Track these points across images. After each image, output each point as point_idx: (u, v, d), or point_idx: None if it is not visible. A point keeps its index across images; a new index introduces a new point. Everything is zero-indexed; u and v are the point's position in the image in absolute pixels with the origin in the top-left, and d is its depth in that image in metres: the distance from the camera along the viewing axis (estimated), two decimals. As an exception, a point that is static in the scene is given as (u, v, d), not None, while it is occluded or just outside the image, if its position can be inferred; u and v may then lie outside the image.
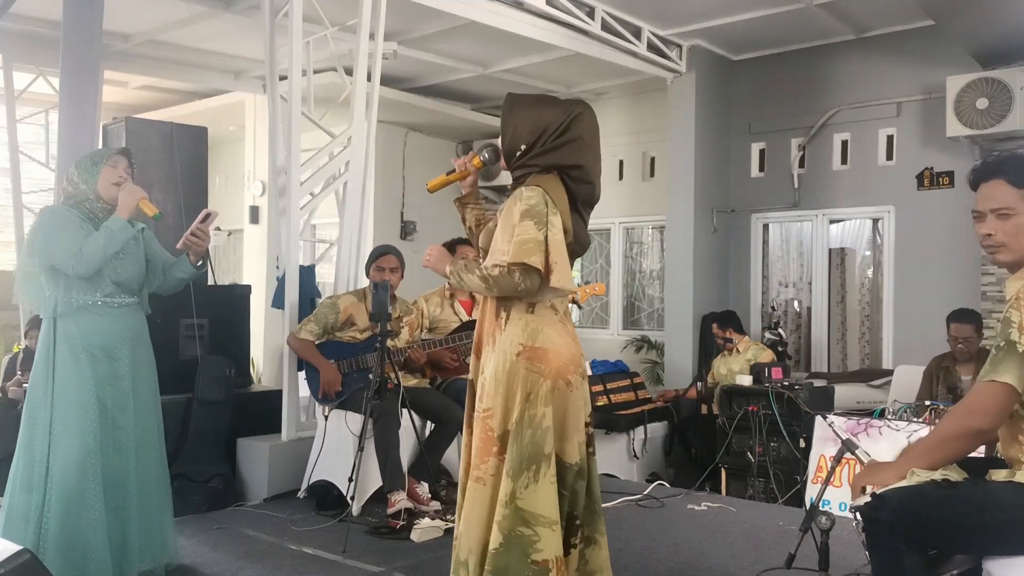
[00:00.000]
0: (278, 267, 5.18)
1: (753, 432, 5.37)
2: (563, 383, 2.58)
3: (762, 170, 7.97)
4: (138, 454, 3.35)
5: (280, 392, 5.07)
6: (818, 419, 4.91)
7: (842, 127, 7.49)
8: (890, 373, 6.48)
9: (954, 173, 6.82)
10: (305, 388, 4.91)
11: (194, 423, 4.81)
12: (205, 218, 3.49)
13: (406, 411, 4.43)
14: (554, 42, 6.66)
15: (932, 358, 5.53)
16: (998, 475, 2.22)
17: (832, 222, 7.75)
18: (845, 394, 6.28)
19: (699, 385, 6.63)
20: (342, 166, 5.36)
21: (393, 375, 4.39)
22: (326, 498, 4.60)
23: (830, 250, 7.76)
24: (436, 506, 4.40)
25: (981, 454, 2.49)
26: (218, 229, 3.60)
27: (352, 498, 4.25)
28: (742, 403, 5.48)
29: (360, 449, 4.12)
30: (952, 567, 2.22)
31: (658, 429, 6.50)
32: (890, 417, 4.62)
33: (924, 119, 7.01)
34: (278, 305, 5.08)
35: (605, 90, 8.76)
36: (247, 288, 5.66)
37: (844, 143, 7.51)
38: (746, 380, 5.69)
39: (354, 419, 4.40)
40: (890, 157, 7.26)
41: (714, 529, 4.30)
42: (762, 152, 7.96)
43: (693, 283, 7.67)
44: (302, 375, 4.89)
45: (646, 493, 4.92)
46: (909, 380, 5.72)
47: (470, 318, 4.91)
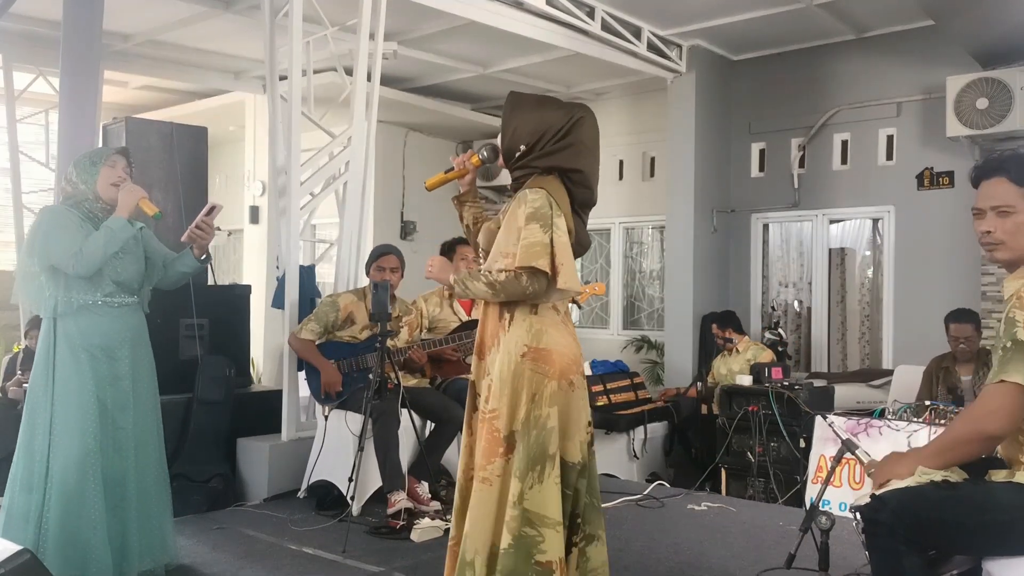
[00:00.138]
0: (278, 267, 5.18)
1: (753, 432, 5.38)
2: (566, 383, 2.60)
3: (762, 170, 7.97)
4: (138, 454, 3.35)
5: (280, 392, 5.08)
6: (818, 419, 4.91)
7: (842, 127, 7.49)
8: (890, 373, 6.48)
9: (954, 173, 6.82)
10: (305, 388, 4.91)
11: (194, 423, 4.82)
12: (210, 211, 3.49)
13: (406, 411, 4.43)
14: (554, 42, 6.66)
15: (932, 358, 5.53)
16: (998, 475, 2.22)
17: (832, 222, 7.75)
18: (845, 394, 6.28)
19: (699, 385, 6.63)
20: (342, 166, 5.36)
21: (393, 375, 4.39)
22: (326, 498, 4.60)
23: (830, 250, 7.76)
24: (436, 506, 4.40)
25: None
26: (218, 229, 3.59)
27: (352, 498, 4.25)
28: (742, 403, 5.49)
29: (360, 449, 4.12)
30: (952, 567, 2.22)
31: (658, 429, 6.50)
32: (890, 417, 4.62)
33: (924, 119, 7.01)
34: (278, 305, 5.09)
35: (605, 90, 8.76)
36: (247, 288, 5.66)
37: (844, 143, 7.51)
38: (746, 380, 5.70)
39: (354, 419, 4.40)
40: (890, 157, 7.26)
41: (714, 529, 4.29)
42: (762, 152, 7.96)
43: (693, 283, 7.67)
44: (302, 375, 4.89)
45: (646, 493, 4.92)
46: (909, 380, 5.72)
47: (469, 318, 4.91)
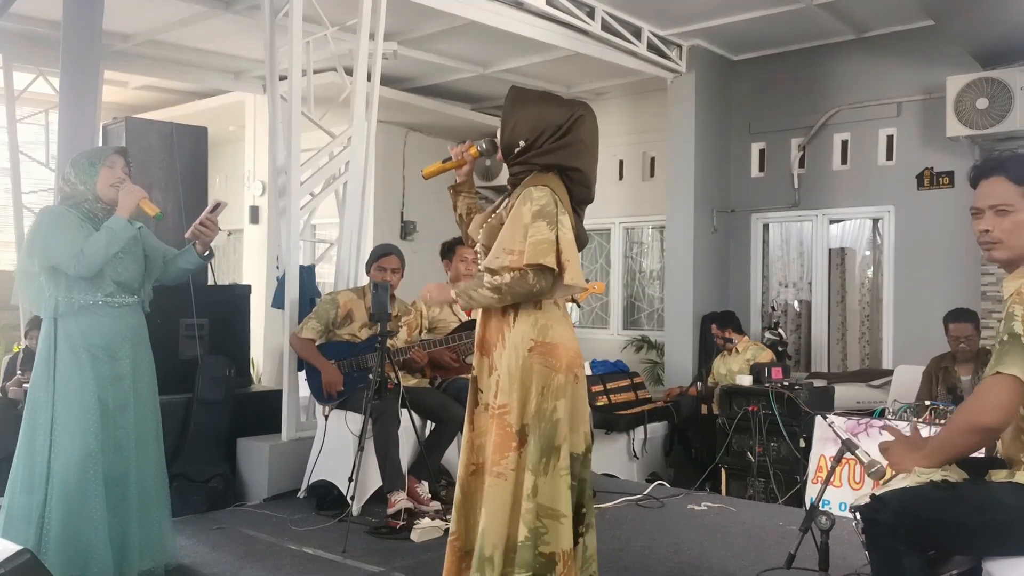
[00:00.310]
0: (278, 267, 5.18)
1: (753, 432, 5.38)
2: (572, 376, 2.67)
3: (762, 170, 7.97)
4: (138, 454, 3.35)
5: (280, 392, 5.07)
6: (818, 419, 4.92)
7: (842, 127, 7.49)
8: (890, 373, 6.48)
9: (954, 173, 6.82)
10: (305, 388, 4.90)
11: (194, 423, 4.81)
12: (215, 208, 3.48)
13: (406, 411, 4.43)
14: (554, 42, 6.66)
15: (931, 359, 5.53)
16: (998, 475, 2.22)
17: (832, 222, 7.75)
18: (845, 394, 6.28)
19: (699, 385, 6.63)
20: (342, 166, 5.36)
21: (393, 375, 4.39)
22: (326, 498, 4.60)
23: (830, 250, 7.76)
24: (436, 506, 4.40)
25: (981, 454, 2.49)
26: (219, 227, 3.59)
27: (352, 498, 4.25)
28: (742, 403, 5.49)
29: (360, 449, 4.12)
30: (952, 568, 2.22)
31: (658, 429, 6.51)
32: (890, 417, 4.63)
33: (924, 119, 7.01)
34: (278, 305, 5.09)
35: (605, 90, 8.76)
36: (247, 288, 5.66)
37: (844, 143, 7.52)
38: (746, 380, 5.70)
39: (354, 419, 4.40)
40: (890, 157, 7.26)
41: (714, 529, 4.29)
42: (762, 152, 7.96)
43: (693, 283, 7.67)
44: (302, 375, 4.89)
45: (646, 493, 4.91)
46: (909, 380, 5.72)
47: (469, 318, 4.91)
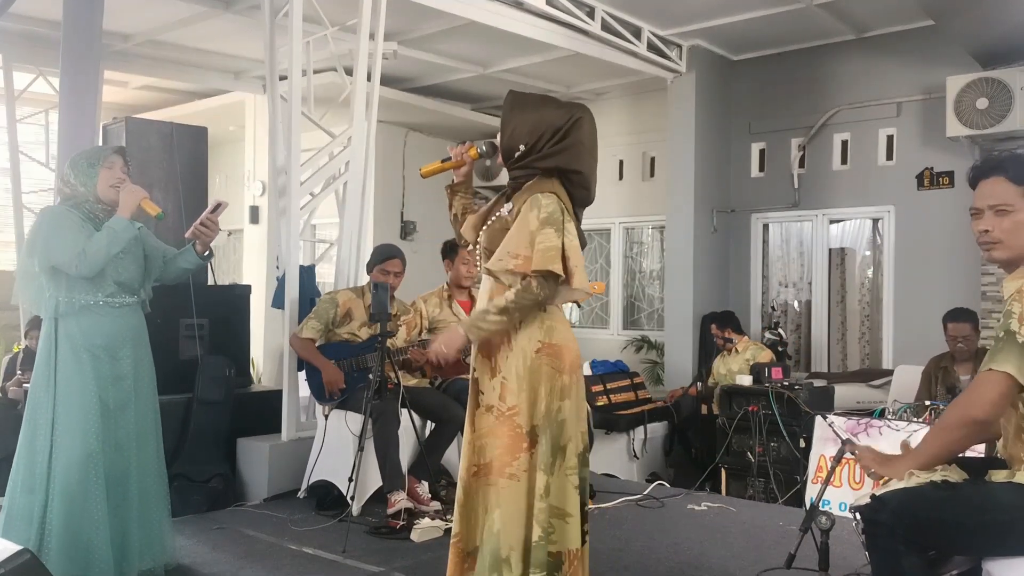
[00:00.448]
0: (278, 267, 5.18)
1: (753, 432, 5.38)
2: (575, 377, 2.71)
3: (762, 170, 7.97)
4: (139, 453, 3.35)
5: (280, 392, 5.07)
6: (818, 419, 4.92)
7: (842, 127, 7.49)
8: (890, 373, 6.48)
9: (954, 173, 6.82)
10: (305, 388, 4.90)
11: (194, 423, 4.81)
12: (215, 208, 3.48)
13: (406, 411, 4.43)
14: (554, 42, 6.66)
15: (931, 359, 5.53)
16: (998, 476, 2.22)
17: (832, 222, 7.75)
18: (845, 394, 6.28)
19: (699, 385, 6.63)
20: (342, 166, 5.36)
21: (393, 375, 4.39)
22: (326, 498, 4.60)
23: (830, 250, 7.76)
24: (436, 506, 4.40)
25: (981, 454, 2.49)
26: (219, 228, 3.59)
27: (352, 498, 4.25)
28: (742, 403, 5.48)
29: (360, 449, 4.12)
30: (952, 568, 2.22)
31: (658, 429, 6.50)
32: (890, 417, 4.63)
33: (924, 119, 7.01)
34: (278, 305, 5.09)
35: (605, 90, 8.76)
36: (247, 288, 5.66)
37: (844, 143, 7.51)
38: (746, 380, 5.70)
39: (354, 419, 4.40)
40: (890, 157, 7.26)
41: (714, 529, 4.29)
42: (762, 152, 7.96)
43: (693, 283, 7.67)
44: (302, 375, 4.89)
45: (646, 493, 4.91)
46: (909, 380, 5.72)
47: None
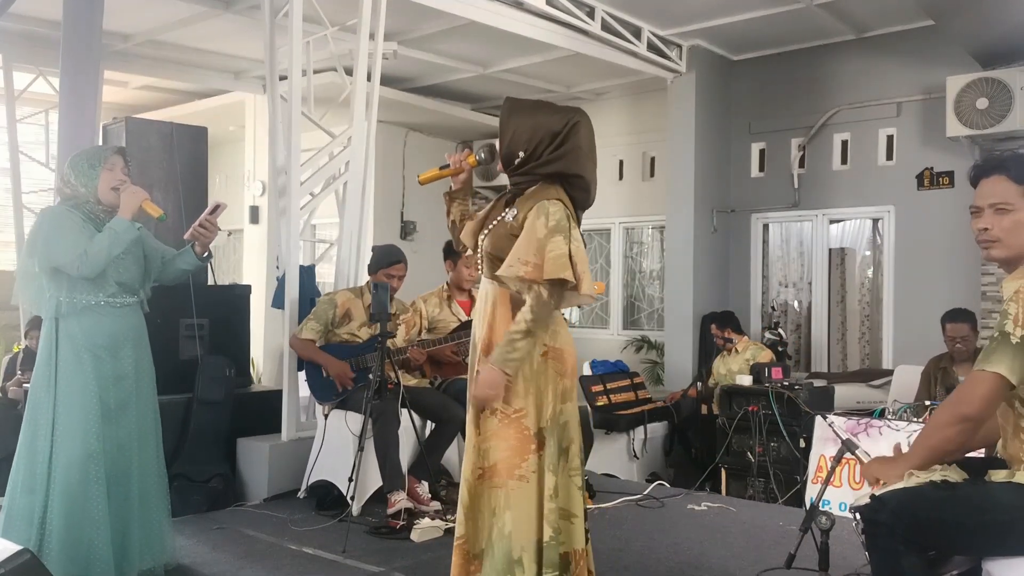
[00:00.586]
0: (278, 267, 5.18)
1: (753, 432, 5.38)
2: (575, 380, 2.80)
3: (762, 170, 7.97)
4: (140, 453, 3.35)
5: (280, 392, 5.07)
6: (818, 419, 4.91)
7: (842, 127, 7.49)
8: (890, 373, 6.48)
9: (954, 173, 6.82)
10: (305, 388, 4.90)
11: (194, 423, 4.81)
12: (214, 209, 3.49)
13: (406, 411, 4.43)
14: (554, 42, 6.66)
15: (930, 359, 5.53)
16: (998, 476, 2.22)
17: (832, 222, 7.75)
18: (845, 394, 6.28)
19: (699, 385, 6.62)
20: (342, 166, 5.36)
21: (393, 375, 4.39)
22: (326, 498, 4.60)
23: (830, 250, 7.76)
24: (436, 506, 4.39)
25: (981, 454, 2.49)
26: (218, 229, 3.59)
27: (352, 498, 4.25)
28: (742, 403, 5.48)
29: (360, 449, 4.12)
30: (951, 568, 2.22)
31: (658, 429, 6.50)
32: (890, 417, 4.63)
33: (924, 119, 7.01)
34: (278, 305, 5.09)
35: (605, 90, 8.76)
36: (247, 288, 5.66)
37: (844, 143, 7.52)
38: (746, 380, 5.70)
39: (354, 419, 4.39)
40: (890, 157, 7.26)
41: (714, 529, 4.29)
42: (762, 152, 7.96)
43: (693, 283, 7.67)
44: (302, 375, 4.89)
45: (646, 493, 4.91)
46: (909, 380, 5.72)
47: (468, 318, 4.91)
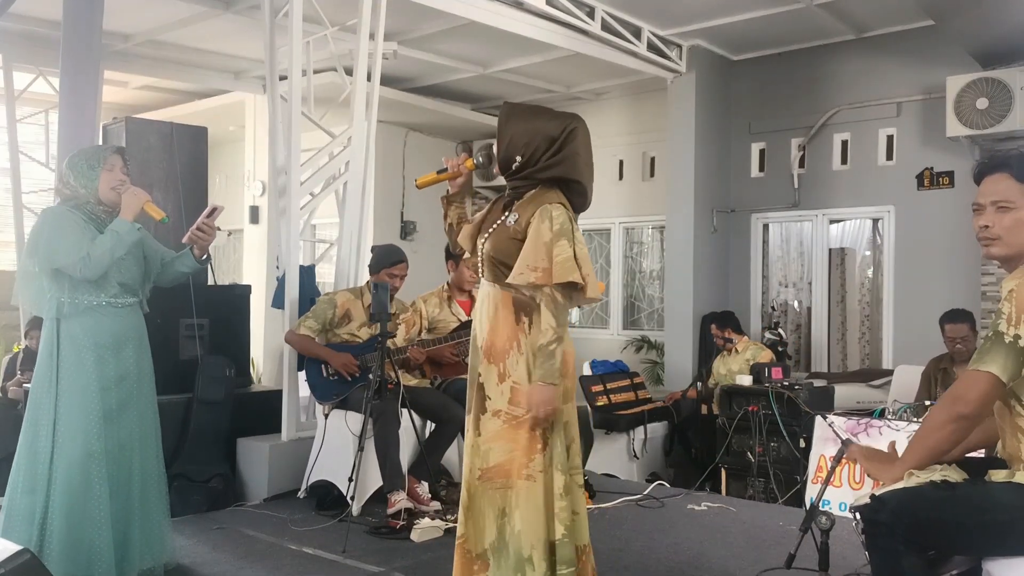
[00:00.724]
0: (278, 267, 5.18)
1: (753, 432, 5.37)
2: (574, 381, 2.85)
3: (762, 170, 7.97)
4: (141, 453, 3.35)
5: (280, 392, 5.08)
6: (818, 419, 4.92)
7: (842, 127, 7.49)
8: (890, 373, 6.48)
9: (954, 173, 6.82)
10: (305, 388, 4.90)
11: (194, 423, 4.82)
12: (211, 212, 3.49)
13: (406, 411, 4.43)
14: (554, 42, 6.66)
15: (930, 360, 5.53)
16: (998, 476, 2.22)
17: (832, 222, 7.75)
18: (845, 394, 6.28)
19: (699, 385, 6.62)
20: (342, 166, 5.36)
21: (393, 375, 4.39)
22: (326, 498, 4.60)
23: (830, 250, 7.76)
24: (436, 506, 4.40)
25: (981, 454, 2.49)
26: (218, 229, 3.60)
27: (352, 498, 4.25)
28: (742, 403, 5.48)
29: (360, 449, 4.12)
30: (951, 568, 2.22)
31: (658, 429, 6.50)
32: (890, 417, 4.63)
33: (924, 119, 7.01)
34: (278, 305, 5.09)
35: (605, 90, 8.76)
36: (247, 288, 5.66)
37: (844, 143, 7.51)
38: (746, 380, 5.70)
39: (354, 419, 4.40)
40: (890, 157, 7.26)
41: (714, 529, 4.29)
42: (762, 152, 7.96)
43: (693, 283, 7.67)
44: (302, 375, 4.89)
45: (646, 493, 4.92)
46: (909, 380, 5.71)
47: (468, 318, 4.91)
